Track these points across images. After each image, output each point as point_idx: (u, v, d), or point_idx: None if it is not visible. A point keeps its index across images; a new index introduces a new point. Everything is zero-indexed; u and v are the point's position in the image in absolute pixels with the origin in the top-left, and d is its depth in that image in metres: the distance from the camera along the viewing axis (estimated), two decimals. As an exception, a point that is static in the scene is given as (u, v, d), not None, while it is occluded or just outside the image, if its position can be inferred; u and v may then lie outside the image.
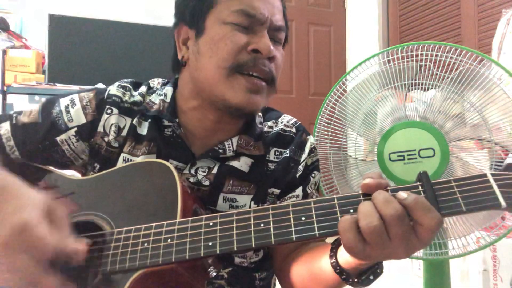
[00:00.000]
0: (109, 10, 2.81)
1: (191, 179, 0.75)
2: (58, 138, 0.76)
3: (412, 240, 0.48)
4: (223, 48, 0.69)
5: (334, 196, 0.53)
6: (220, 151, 0.76)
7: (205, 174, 0.75)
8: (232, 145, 0.77)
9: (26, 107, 0.82)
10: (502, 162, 0.89)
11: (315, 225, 0.52)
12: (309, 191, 0.81)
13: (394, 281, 1.74)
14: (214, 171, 0.76)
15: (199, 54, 0.72)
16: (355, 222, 0.48)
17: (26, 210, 0.50)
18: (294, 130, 0.83)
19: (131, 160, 0.76)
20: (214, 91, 0.70)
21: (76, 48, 2.48)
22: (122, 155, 0.76)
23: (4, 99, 2.15)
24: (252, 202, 0.77)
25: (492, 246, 1.32)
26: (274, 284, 0.87)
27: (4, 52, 2.25)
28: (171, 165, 0.66)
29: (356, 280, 0.57)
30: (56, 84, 2.29)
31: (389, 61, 0.96)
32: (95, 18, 2.56)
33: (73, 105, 0.77)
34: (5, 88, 2.18)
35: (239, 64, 0.69)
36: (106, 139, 0.77)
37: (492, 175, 0.49)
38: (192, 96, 0.76)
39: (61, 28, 2.46)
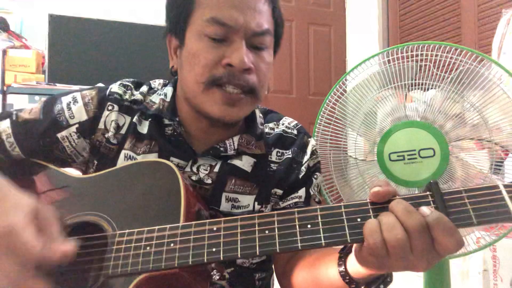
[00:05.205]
0: (109, 10, 2.81)
1: (193, 177, 0.75)
2: (59, 135, 0.76)
3: (433, 253, 0.47)
4: (198, 63, 0.69)
5: (341, 204, 0.52)
6: (221, 149, 0.76)
7: (207, 172, 0.75)
8: (233, 143, 0.77)
9: (26, 107, 0.82)
10: (502, 162, 0.89)
11: (321, 234, 0.50)
12: (312, 193, 0.81)
13: (394, 281, 1.74)
14: (216, 169, 0.76)
15: (181, 66, 0.73)
16: (381, 227, 0.47)
17: (12, 213, 0.50)
18: (295, 132, 0.84)
19: (132, 157, 0.76)
20: (196, 102, 0.72)
21: (76, 48, 2.48)
22: (124, 152, 0.76)
23: (4, 99, 2.15)
24: (256, 203, 0.77)
25: (492, 246, 1.32)
26: (273, 284, 0.87)
27: (4, 52, 2.25)
28: (174, 165, 0.66)
29: None
30: (56, 84, 2.29)
31: (389, 61, 0.96)
32: (95, 18, 2.56)
33: (75, 103, 0.78)
34: (5, 88, 2.18)
35: (214, 78, 0.68)
36: (106, 135, 0.77)
37: (505, 186, 0.47)
38: (184, 100, 0.76)
39: (61, 28, 2.46)
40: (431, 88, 0.94)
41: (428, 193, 0.49)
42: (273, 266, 0.83)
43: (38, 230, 0.51)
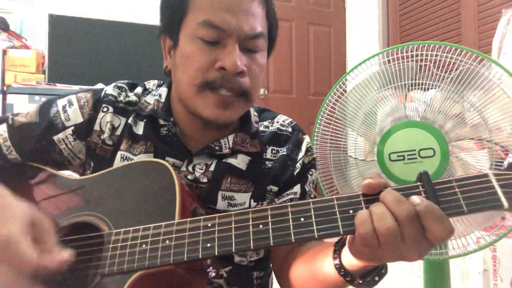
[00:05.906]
0: (109, 10, 2.81)
1: (189, 177, 0.75)
2: (55, 137, 0.77)
3: (424, 242, 0.47)
4: (191, 66, 0.69)
5: (334, 196, 0.53)
6: (216, 148, 0.77)
7: (202, 171, 0.76)
8: (228, 142, 0.77)
9: (25, 107, 0.83)
10: (502, 162, 0.89)
11: (314, 226, 0.51)
12: (307, 189, 0.81)
13: (394, 281, 1.74)
14: (212, 168, 0.76)
15: (175, 67, 0.74)
16: (371, 217, 0.48)
17: (9, 224, 0.51)
18: (290, 129, 0.84)
19: (129, 158, 0.76)
20: (189, 103, 0.73)
21: (76, 48, 2.48)
22: (120, 153, 0.77)
23: (4, 99, 2.15)
24: (252, 200, 0.77)
25: (492, 246, 1.32)
26: (271, 283, 0.87)
27: (4, 52, 2.25)
28: (169, 165, 0.66)
29: (361, 281, 0.56)
30: (56, 84, 2.29)
31: (389, 61, 0.96)
32: (95, 18, 2.56)
33: (71, 105, 0.78)
34: (5, 88, 2.17)
35: (207, 81, 0.69)
36: (102, 137, 0.78)
37: (494, 174, 0.48)
38: (179, 100, 0.77)
39: (61, 28, 2.46)
40: (431, 88, 0.93)
41: (419, 183, 0.50)
42: (271, 265, 0.83)
43: (35, 239, 0.53)
